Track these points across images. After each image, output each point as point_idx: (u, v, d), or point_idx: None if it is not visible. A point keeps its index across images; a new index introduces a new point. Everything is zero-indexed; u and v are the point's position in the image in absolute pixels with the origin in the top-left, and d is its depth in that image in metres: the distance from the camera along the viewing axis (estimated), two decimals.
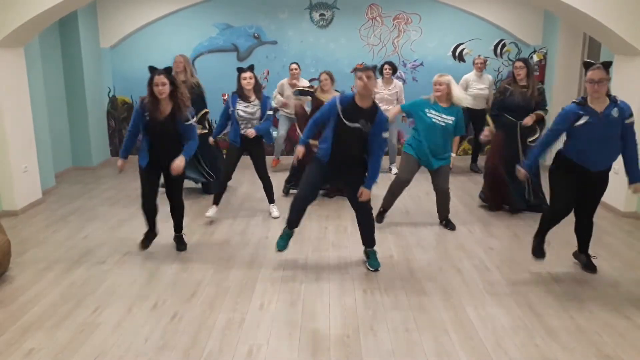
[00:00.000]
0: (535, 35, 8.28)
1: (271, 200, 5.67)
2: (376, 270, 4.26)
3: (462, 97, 4.93)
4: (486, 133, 5.80)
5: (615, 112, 3.63)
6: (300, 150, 4.26)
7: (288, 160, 7.32)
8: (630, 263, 4.44)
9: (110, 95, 8.55)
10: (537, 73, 8.22)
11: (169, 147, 4.27)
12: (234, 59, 8.51)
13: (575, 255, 4.38)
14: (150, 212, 4.53)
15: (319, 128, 4.24)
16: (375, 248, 4.37)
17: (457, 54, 8.47)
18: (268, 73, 8.50)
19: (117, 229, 5.28)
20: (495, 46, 8.46)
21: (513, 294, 3.85)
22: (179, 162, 4.24)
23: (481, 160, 7.76)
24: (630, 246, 4.83)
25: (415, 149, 4.98)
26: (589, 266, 4.24)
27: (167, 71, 4.19)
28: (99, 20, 8.26)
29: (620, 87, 5.67)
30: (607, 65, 3.63)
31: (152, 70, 4.18)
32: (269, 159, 6.47)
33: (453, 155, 5.05)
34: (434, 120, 4.81)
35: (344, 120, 3.93)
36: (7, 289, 3.97)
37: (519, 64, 5.58)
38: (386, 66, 7.24)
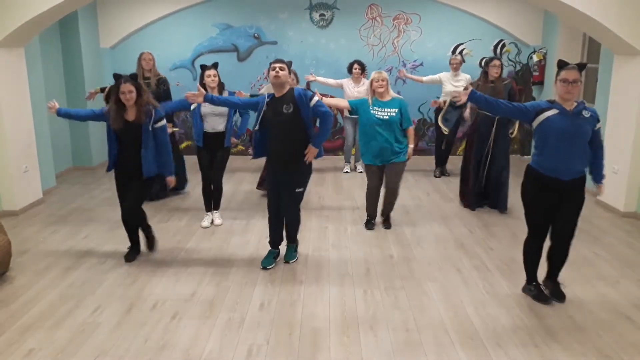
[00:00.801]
0: (535, 35, 8.29)
1: (216, 206, 5.42)
2: (287, 262, 4.37)
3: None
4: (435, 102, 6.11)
5: (585, 113, 3.47)
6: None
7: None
8: (630, 263, 4.44)
9: None
10: (537, 73, 8.24)
11: (135, 153, 4.17)
12: (234, 59, 8.52)
13: (543, 282, 3.85)
14: (129, 222, 4.44)
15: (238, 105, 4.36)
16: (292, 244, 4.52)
17: (457, 54, 8.45)
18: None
19: (117, 229, 5.27)
20: (495, 46, 8.46)
21: (513, 294, 3.85)
22: (170, 180, 4.37)
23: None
24: (630, 246, 4.83)
25: (370, 154, 5.01)
26: (557, 294, 3.76)
27: (133, 77, 4.15)
28: (99, 21, 8.26)
29: (620, 87, 5.67)
30: (581, 67, 3.49)
31: (118, 77, 4.11)
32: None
33: (410, 146, 5.03)
34: (377, 116, 4.89)
35: (266, 115, 4.07)
36: (7, 289, 3.97)
37: (497, 62, 5.68)
38: (355, 65, 7.17)
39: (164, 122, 4.22)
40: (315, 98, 4.08)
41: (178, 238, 5.00)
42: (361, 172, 7.56)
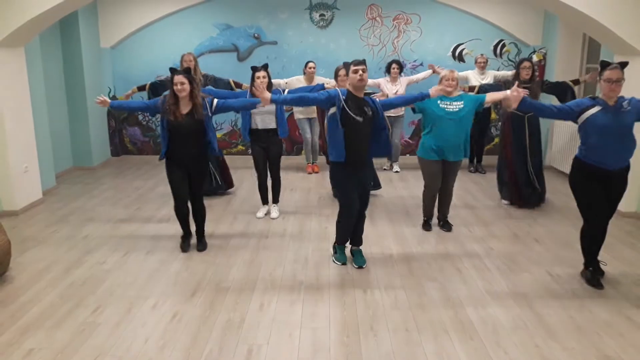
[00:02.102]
0: (535, 35, 8.28)
1: (275, 200, 5.71)
2: (361, 267, 4.31)
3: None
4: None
5: (626, 104, 3.66)
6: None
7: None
8: (630, 263, 4.43)
9: (111, 96, 8.54)
10: (537, 73, 8.23)
11: (192, 145, 4.41)
12: (234, 59, 8.52)
13: (582, 273, 4.10)
14: (183, 213, 4.62)
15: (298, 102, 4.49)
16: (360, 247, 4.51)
17: (456, 54, 8.47)
18: None
19: (117, 229, 5.28)
20: (495, 46, 8.45)
21: (513, 294, 3.85)
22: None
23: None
24: (630, 246, 4.83)
25: (433, 148, 4.91)
26: (594, 281, 3.96)
27: (187, 71, 4.39)
28: (100, 20, 8.26)
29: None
30: (623, 65, 3.68)
31: (173, 71, 4.36)
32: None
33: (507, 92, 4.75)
34: (446, 109, 4.84)
35: (350, 113, 3.98)
36: (7, 289, 3.97)
37: (528, 64, 5.74)
38: (394, 65, 7.41)
39: (209, 111, 4.45)
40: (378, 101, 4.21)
41: (178, 238, 5.00)
42: (397, 171, 7.66)
